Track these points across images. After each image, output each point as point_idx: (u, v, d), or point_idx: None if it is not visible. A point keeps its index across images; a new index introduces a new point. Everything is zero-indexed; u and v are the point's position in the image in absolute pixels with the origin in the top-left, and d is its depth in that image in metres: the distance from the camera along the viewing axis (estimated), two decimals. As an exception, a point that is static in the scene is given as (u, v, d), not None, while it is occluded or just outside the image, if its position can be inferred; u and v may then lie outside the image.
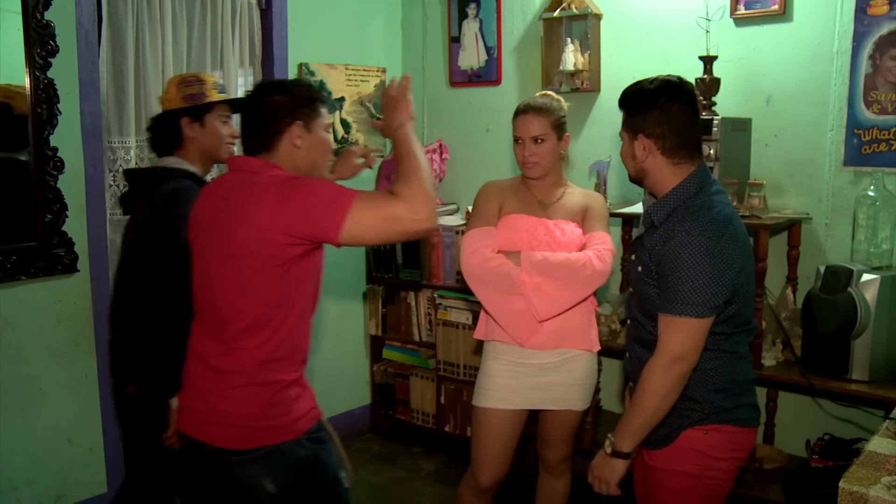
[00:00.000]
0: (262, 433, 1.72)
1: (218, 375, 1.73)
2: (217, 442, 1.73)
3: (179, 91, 2.18)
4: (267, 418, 1.72)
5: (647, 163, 1.82)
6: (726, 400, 1.82)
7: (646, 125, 1.78)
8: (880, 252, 2.61)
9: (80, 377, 2.88)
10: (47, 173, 2.70)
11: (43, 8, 2.62)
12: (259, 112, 1.77)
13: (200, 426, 1.76)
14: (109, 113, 2.93)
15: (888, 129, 2.66)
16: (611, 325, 3.10)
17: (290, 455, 1.75)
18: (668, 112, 1.76)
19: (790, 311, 2.78)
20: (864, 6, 2.66)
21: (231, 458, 1.72)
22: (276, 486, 1.74)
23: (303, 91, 1.81)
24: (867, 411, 2.71)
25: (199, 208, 1.82)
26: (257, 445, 1.72)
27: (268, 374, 1.72)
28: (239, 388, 1.71)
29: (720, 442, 1.82)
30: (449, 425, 3.55)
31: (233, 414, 1.72)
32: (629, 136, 1.84)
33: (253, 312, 1.69)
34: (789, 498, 2.62)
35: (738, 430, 1.84)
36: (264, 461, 1.72)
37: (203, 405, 1.76)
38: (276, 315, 1.70)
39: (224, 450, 1.73)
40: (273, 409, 1.72)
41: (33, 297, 2.74)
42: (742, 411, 1.85)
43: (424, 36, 3.92)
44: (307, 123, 1.78)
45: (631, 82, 1.89)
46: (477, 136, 3.78)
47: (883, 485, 1.43)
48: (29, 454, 2.76)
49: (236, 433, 1.72)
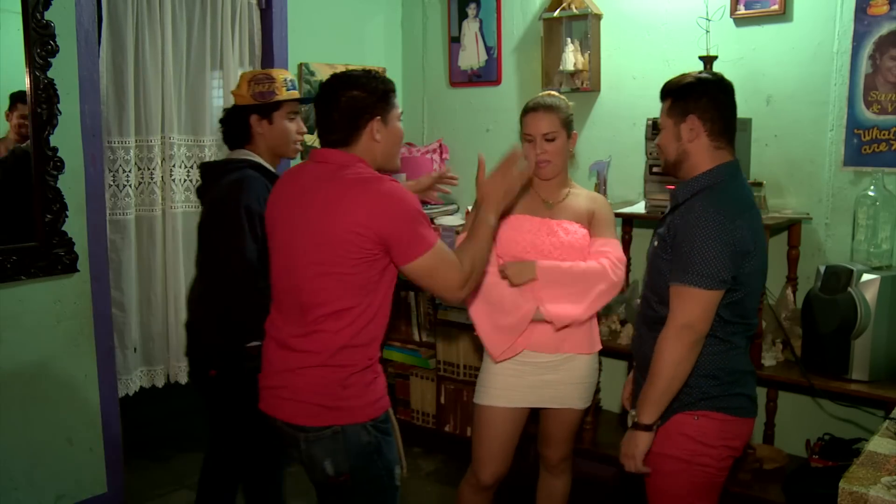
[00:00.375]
0: (331, 413, 1.76)
1: (294, 354, 1.78)
2: (288, 417, 1.79)
3: (250, 88, 2.21)
4: (338, 399, 1.75)
5: (693, 144, 1.89)
6: (716, 387, 1.86)
7: (697, 108, 1.87)
8: (880, 252, 2.61)
9: (80, 377, 2.88)
10: (47, 173, 2.70)
11: (43, 8, 2.62)
12: (337, 108, 1.79)
13: (275, 403, 1.82)
14: (109, 113, 2.93)
15: (888, 129, 2.66)
16: (611, 326, 3.10)
17: (354, 439, 1.77)
18: (717, 99, 1.89)
19: (790, 311, 2.78)
20: (864, 6, 2.66)
21: (299, 434, 1.78)
22: (334, 468, 1.78)
23: (378, 84, 1.82)
24: (867, 411, 2.71)
25: (279, 196, 1.87)
26: (325, 424, 1.76)
27: (344, 357, 1.76)
28: (315, 367, 1.75)
29: (711, 429, 1.86)
30: (449, 425, 3.55)
31: (305, 391, 1.76)
32: (676, 120, 1.91)
33: (338, 299, 1.73)
34: (789, 498, 2.62)
35: (730, 418, 1.87)
36: (329, 441, 1.77)
37: (278, 382, 1.81)
38: (360, 303, 1.75)
39: (293, 425, 1.78)
40: (345, 391, 1.76)
41: (33, 297, 2.74)
42: (734, 400, 1.88)
43: (424, 36, 3.92)
44: (384, 117, 1.82)
45: (631, 82, 1.92)
46: (477, 136, 3.77)
47: (883, 485, 1.43)
48: (29, 454, 2.76)
49: (306, 410, 1.76)
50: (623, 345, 2.98)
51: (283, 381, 1.80)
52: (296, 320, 1.79)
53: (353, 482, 1.81)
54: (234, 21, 3.25)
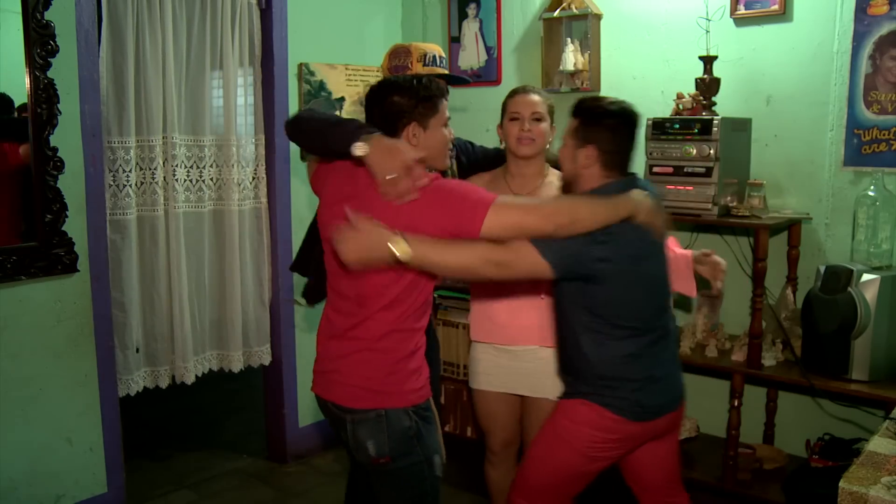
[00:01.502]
0: (376, 396, 1.85)
1: (345, 340, 1.89)
2: (336, 399, 1.90)
3: (388, 60, 2.22)
4: (383, 384, 1.86)
5: (587, 171, 1.99)
6: (600, 385, 1.97)
7: (598, 139, 1.96)
8: (880, 252, 2.61)
9: (80, 377, 2.88)
10: (47, 173, 2.70)
11: (43, 8, 2.62)
12: (380, 111, 1.88)
13: (326, 386, 1.93)
14: (109, 113, 2.93)
15: (888, 129, 2.66)
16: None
17: (396, 423, 1.85)
18: (620, 135, 1.98)
19: (790, 311, 2.78)
20: (864, 6, 2.66)
21: (345, 415, 1.88)
22: (376, 450, 1.86)
23: (420, 90, 1.88)
24: (867, 411, 2.71)
25: (331, 191, 1.94)
26: (370, 407, 1.85)
27: (391, 342, 1.86)
28: (364, 351, 1.86)
29: (592, 419, 1.97)
30: (449, 425, 3.54)
31: (354, 375, 1.87)
32: (577, 143, 1.99)
33: (392, 292, 1.83)
34: (789, 498, 2.62)
35: (612, 416, 1.95)
36: (373, 423, 1.85)
37: (330, 366, 1.92)
38: (409, 295, 1.85)
39: (341, 407, 1.89)
40: (391, 376, 1.86)
41: (33, 297, 2.74)
42: (617, 401, 1.95)
43: (424, 36, 3.92)
44: (423, 122, 1.88)
45: (631, 82, 1.93)
46: (477, 137, 3.72)
47: (883, 485, 1.43)
48: (29, 454, 2.76)
49: (354, 392, 1.87)
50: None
51: (335, 366, 1.90)
52: (351, 312, 1.88)
53: (395, 465, 1.88)
54: (234, 21, 3.25)
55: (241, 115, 3.34)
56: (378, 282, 1.82)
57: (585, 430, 1.97)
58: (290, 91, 3.44)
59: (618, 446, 2.02)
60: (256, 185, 3.41)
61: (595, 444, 1.98)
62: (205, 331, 3.33)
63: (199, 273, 3.29)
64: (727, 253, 3.02)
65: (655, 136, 2.81)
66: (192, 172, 3.19)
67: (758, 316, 2.66)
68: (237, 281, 3.34)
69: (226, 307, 3.36)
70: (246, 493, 3.33)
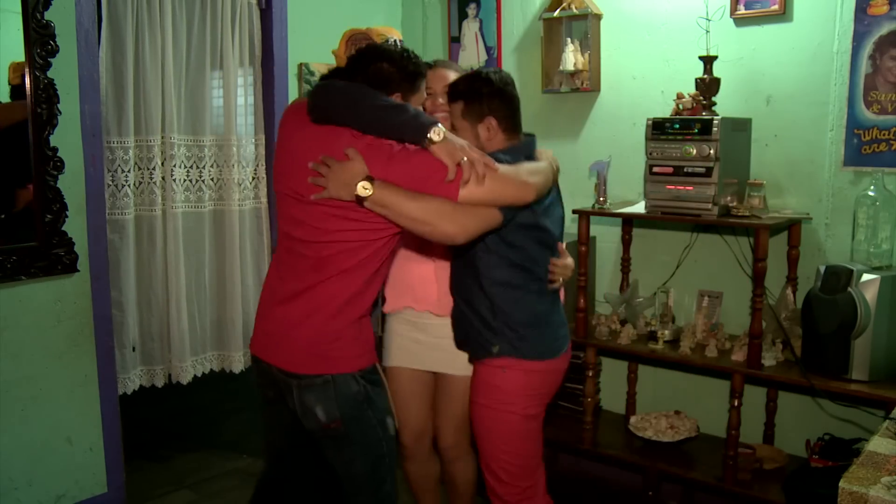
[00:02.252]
0: (323, 362, 1.85)
1: (294, 304, 1.86)
2: (282, 364, 1.88)
3: (346, 48, 2.13)
4: (330, 349, 1.85)
5: (491, 142, 2.04)
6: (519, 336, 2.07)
7: (492, 109, 2.03)
8: (880, 252, 2.61)
9: (80, 377, 2.88)
10: (47, 173, 2.70)
11: (43, 8, 2.62)
12: (365, 77, 1.85)
13: (272, 349, 1.91)
14: (109, 113, 2.93)
15: (888, 129, 2.66)
16: (611, 325, 3.10)
17: (344, 387, 1.86)
18: (506, 96, 2.05)
19: (790, 311, 2.78)
20: (864, 6, 2.66)
21: (291, 381, 1.86)
22: (325, 415, 1.85)
23: (408, 65, 1.87)
24: (867, 411, 2.71)
25: (298, 145, 1.88)
26: (317, 372, 1.85)
27: (342, 308, 1.85)
28: (313, 316, 1.84)
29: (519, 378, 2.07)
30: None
31: (301, 339, 1.85)
32: (473, 122, 2.05)
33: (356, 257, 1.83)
34: (789, 498, 2.62)
35: (537, 364, 2.08)
36: (320, 389, 1.85)
37: (276, 329, 1.89)
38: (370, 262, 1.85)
39: (287, 372, 1.87)
40: (337, 341, 1.85)
41: (33, 297, 2.74)
42: (539, 346, 2.09)
43: (424, 36, 3.92)
44: (405, 96, 1.87)
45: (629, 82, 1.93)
46: (477, 136, 3.77)
47: (883, 485, 1.43)
48: (29, 454, 2.76)
49: (301, 358, 1.85)
50: (623, 345, 2.98)
51: (283, 329, 1.87)
52: (303, 276, 1.85)
53: (347, 430, 1.88)
54: (234, 21, 3.25)
55: (240, 115, 3.35)
56: (345, 246, 1.81)
57: (528, 394, 2.07)
58: (290, 91, 3.44)
59: (549, 388, 2.15)
60: (256, 185, 3.41)
61: (531, 397, 2.09)
62: (205, 331, 3.33)
63: (199, 273, 3.29)
64: (727, 253, 3.03)
65: (655, 136, 2.80)
66: (191, 172, 3.20)
67: (758, 316, 2.66)
68: (237, 281, 3.34)
69: (226, 307, 3.36)
70: (246, 493, 3.29)
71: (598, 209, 3.03)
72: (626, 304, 3.16)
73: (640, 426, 3.07)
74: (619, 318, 3.15)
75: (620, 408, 3.36)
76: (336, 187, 1.75)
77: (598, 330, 3.06)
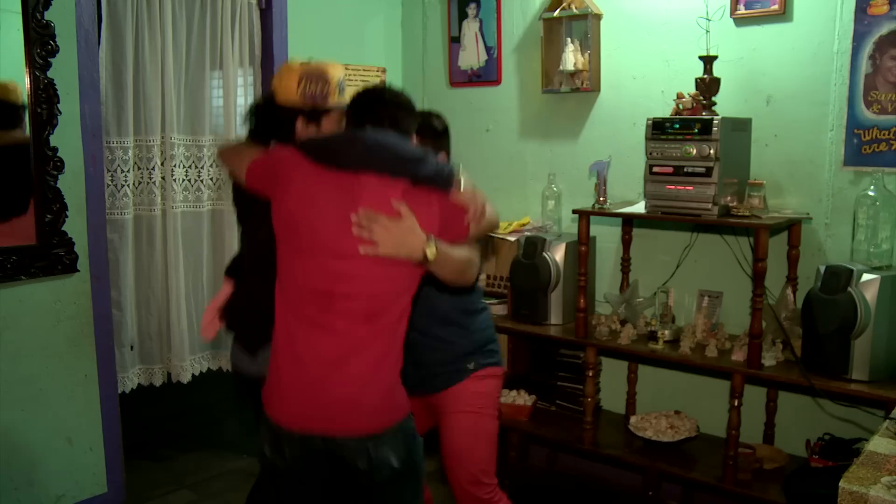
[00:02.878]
0: (393, 412, 1.82)
1: (353, 364, 1.75)
2: (356, 431, 1.76)
3: (301, 86, 2.00)
4: (394, 398, 1.82)
5: None
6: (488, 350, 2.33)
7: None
8: (880, 252, 2.61)
9: (80, 377, 2.88)
10: (47, 173, 2.70)
11: (43, 8, 2.62)
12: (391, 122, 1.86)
13: (339, 421, 1.76)
14: (108, 113, 2.93)
15: (888, 128, 2.66)
16: (611, 325, 3.10)
17: (409, 429, 1.87)
18: None
19: (790, 311, 2.77)
20: (864, 6, 2.66)
21: (367, 443, 1.77)
22: (398, 461, 1.81)
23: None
24: (867, 411, 2.71)
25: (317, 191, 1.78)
26: (390, 425, 1.80)
27: (395, 355, 1.83)
28: (378, 370, 1.77)
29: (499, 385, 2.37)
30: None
31: (372, 400, 1.77)
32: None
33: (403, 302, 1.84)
34: (789, 498, 2.62)
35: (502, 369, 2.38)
36: (392, 438, 1.80)
37: (342, 397, 1.74)
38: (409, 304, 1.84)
39: (362, 437, 1.76)
40: (397, 388, 1.83)
41: (33, 297, 2.74)
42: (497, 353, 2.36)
43: (424, 36, 3.92)
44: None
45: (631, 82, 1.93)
46: (477, 136, 3.77)
47: (883, 485, 1.43)
48: (29, 454, 2.76)
49: (377, 418, 1.78)
50: (623, 345, 2.98)
51: (349, 395, 1.75)
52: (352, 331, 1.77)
53: (417, 467, 1.91)
54: (234, 21, 3.25)
55: (240, 115, 3.34)
56: (394, 295, 1.77)
57: (497, 397, 2.34)
58: (290, 91, 3.44)
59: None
60: (256, 185, 3.41)
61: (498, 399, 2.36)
62: (205, 330, 3.33)
63: (198, 272, 3.29)
64: (727, 253, 3.02)
65: (655, 135, 2.80)
66: (190, 172, 3.20)
67: (758, 316, 2.66)
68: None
69: (226, 307, 3.36)
70: (246, 493, 3.32)
71: (598, 209, 3.02)
72: (626, 304, 3.16)
73: (640, 426, 3.07)
74: (619, 318, 3.15)
75: (620, 408, 3.36)
76: (395, 248, 1.71)
77: (598, 330, 3.06)
